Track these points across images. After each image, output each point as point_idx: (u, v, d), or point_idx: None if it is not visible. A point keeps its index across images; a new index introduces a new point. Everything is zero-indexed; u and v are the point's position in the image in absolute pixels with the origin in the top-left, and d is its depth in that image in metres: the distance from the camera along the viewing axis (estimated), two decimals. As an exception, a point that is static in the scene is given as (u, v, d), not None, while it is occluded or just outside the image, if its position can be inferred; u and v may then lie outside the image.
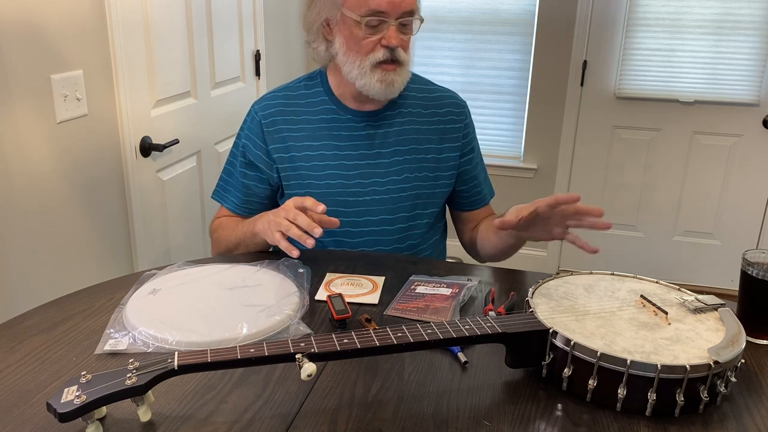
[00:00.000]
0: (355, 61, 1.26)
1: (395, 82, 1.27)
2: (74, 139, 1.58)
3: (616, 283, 1.04)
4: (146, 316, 0.99)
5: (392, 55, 1.25)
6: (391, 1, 1.21)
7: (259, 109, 1.38)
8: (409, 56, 1.29)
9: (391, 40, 1.23)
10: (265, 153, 1.36)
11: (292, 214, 1.15)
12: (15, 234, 1.42)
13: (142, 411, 0.77)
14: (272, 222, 1.19)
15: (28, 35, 1.41)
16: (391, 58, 1.25)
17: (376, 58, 1.24)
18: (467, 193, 1.45)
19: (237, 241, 1.33)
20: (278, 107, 1.37)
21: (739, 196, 3.06)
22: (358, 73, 1.26)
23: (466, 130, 1.43)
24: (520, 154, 3.27)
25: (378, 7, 1.21)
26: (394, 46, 1.23)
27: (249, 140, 1.38)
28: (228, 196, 1.42)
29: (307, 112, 1.37)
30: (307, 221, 1.12)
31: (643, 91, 3.02)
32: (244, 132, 1.40)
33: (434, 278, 1.18)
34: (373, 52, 1.24)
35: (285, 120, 1.36)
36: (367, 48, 1.25)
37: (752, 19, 2.82)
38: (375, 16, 1.22)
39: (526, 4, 3.04)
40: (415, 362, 0.93)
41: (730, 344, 0.84)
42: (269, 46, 2.63)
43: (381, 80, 1.25)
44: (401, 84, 1.29)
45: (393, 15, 1.22)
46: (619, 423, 0.81)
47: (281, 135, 1.36)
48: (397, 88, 1.28)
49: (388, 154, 1.36)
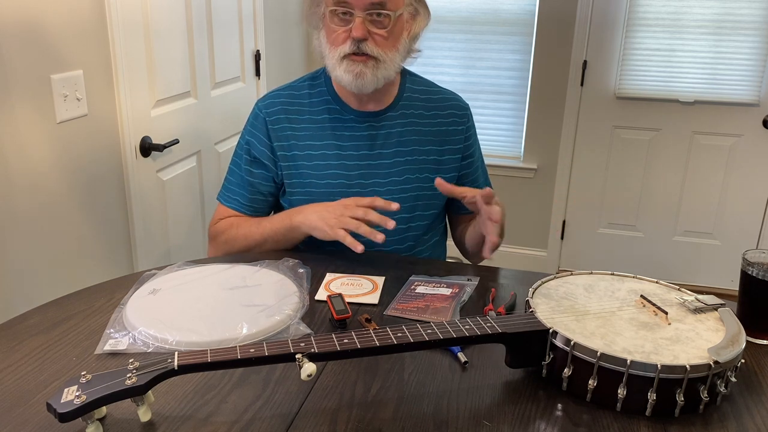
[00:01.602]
0: (331, 53, 1.27)
1: (364, 74, 1.25)
2: (74, 139, 1.58)
3: (616, 283, 1.04)
4: (146, 316, 0.99)
5: (358, 48, 1.24)
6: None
7: (264, 106, 1.38)
8: (387, 51, 1.26)
9: (354, 32, 1.23)
10: (270, 149, 1.36)
11: (361, 211, 1.17)
12: (15, 234, 1.42)
13: (142, 411, 0.77)
14: (329, 218, 1.20)
15: (28, 35, 1.41)
16: (358, 50, 1.24)
17: (344, 51, 1.25)
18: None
19: (264, 237, 1.31)
20: (282, 105, 1.37)
21: (739, 196, 3.06)
22: (332, 65, 1.28)
23: (468, 133, 1.43)
24: (520, 154, 3.27)
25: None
26: (356, 37, 1.23)
27: (253, 137, 1.38)
28: (233, 196, 1.41)
29: (310, 112, 1.37)
30: (379, 217, 1.17)
31: (643, 91, 3.02)
32: (248, 129, 1.39)
33: (434, 278, 1.18)
34: (342, 44, 1.25)
35: (288, 119, 1.36)
36: (338, 40, 1.26)
37: (752, 19, 2.82)
38: (340, 6, 1.23)
39: (526, 4, 3.04)
40: (415, 362, 0.93)
41: (730, 344, 0.84)
42: (269, 46, 2.63)
43: (347, 71, 1.25)
44: (374, 78, 1.26)
45: (358, 6, 1.22)
46: (619, 423, 0.81)
47: (285, 133, 1.36)
48: (369, 81, 1.26)
49: (390, 155, 1.36)
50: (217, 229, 1.40)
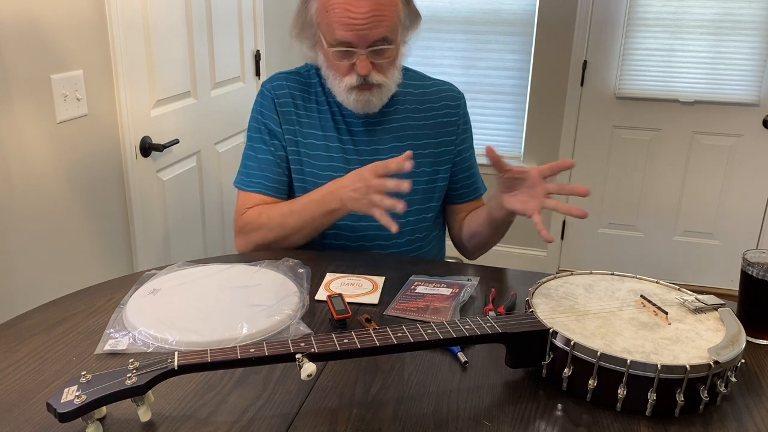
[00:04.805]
0: (334, 79, 1.28)
1: (371, 102, 1.28)
2: (74, 139, 1.58)
3: (616, 283, 1.04)
4: (146, 316, 0.99)
5: (365, 80, 1.25)
6: (357, 34, 1.20)
7: (271, 87, 1.37)
8: (390, 76, 1.28)
9: (360, 70, 1.23)
10: (280, 127, 1.35)
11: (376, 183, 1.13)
12: (15, 234, 1.42)
13: (142, 411, 0.77)
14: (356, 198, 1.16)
15: (28, 35, 1.41)
16: (365, 83, 1.25)
17: (351, 83, 1.25)
18: (461, 183, 1.45)
19: (301, 223, 1.27)
20: (288, 89, 1.37)
21: (739, 196, 3.06)
22: (337, 91, 1.29)
23: (462, 120, 1.43)
24: (520, 154, 3.27)
25: (344, 38, 1.20)
26: (362, 75, 1.24)
27: (266, 116, 1.36)
28: (255, 180, 1.34)
29: (315, 101, 1.37)
30: (394, 183, 1.12)
31: (643, 91, 3.02)
32: (258, 109, 1.37)
33: (434, 278, 1.18)
34: (348, 75, 1.25)
35: (294, 104, 1.36)
36: (341, 71, 1.26)
37: (752, 19, 2.82)
38: (342, 47, 1.22)
39: (526, 4, 3.04)
40: (415, 362, 0.93)
41: (730, 344, 0.84)
42: (269, 46, 2.63)
43: (357, 101, 1.28)
44: (380, 101, 1.30)
45: (360, 45, 1.22)
46: (619, 423, 0.81)
47: (291, 117, 1.35)
48: (376, 105, 1.30)
49: (386, 150, 1.36)
50: (245, 219, 1.33)
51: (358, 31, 1.19)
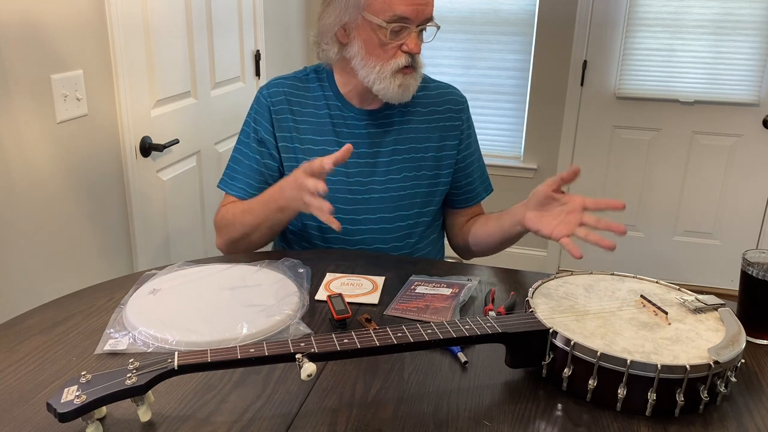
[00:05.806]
0: (374, 66, 1.26)
1: (411, 86, 1.29)
2: (74, 139, 1.58)
3: (616, 283, 1.04)
4: (146, 316, 0.99)
5: (412, 61, 1.26)
6: (416, 8, 1.21)
7: (268, 94, 1.37)
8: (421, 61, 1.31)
9: (413, 48, 1.24)
10: (272, 136, 1.35)
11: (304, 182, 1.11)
12: (15, 234, 1.42)
13: (142, 411, 0.77)
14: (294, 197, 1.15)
15: (28, 35, 1.41)
16: (410, 65, 1.26)
17: (399, 64, 1.25)
18: (462, 189, 1.45)
19: (258, 221, 1.28)
20: (285, 95, 1.36)
21: (739, 196, 3.06)
22: (377, 77, 1.26)
23: (465, 125, 1.43)
24: (520, 154, 3.27)
25: (403, 14, 1.21)
26: (415, 52, 1.25)
27: (258, 123, 1.36)
28: (238, 185, 1.37)
29: (313, 105, 1.36)
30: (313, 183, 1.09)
31: (643, 91, 3.02)
32: (253, 116, 1.38)
33: (434, 278, 1.18)
34: (395, 58, 1.25)
35: (291, 110, 1.36)
36: (389, 54, 1.25)
37: (752, 19, 2.82)
38: (399, 22, 1.22)
39: (526, 4, 3.04)
40: (415, 362, 0.93)
41: (730, 344, 0.84)
42: (269, 46, 2.63)
43: (401, 85, 1.26)
44: (414, 88, 1.30)
45: (416, 21, 1.23)
46: (619, 423, 0.81)
47: (287, 124, 1.35)
48: (412, 92, 1.30)
49: (387, 153, 1.36)
50: (218, 217, 1.38)
51: (417, 5, 1.21)
